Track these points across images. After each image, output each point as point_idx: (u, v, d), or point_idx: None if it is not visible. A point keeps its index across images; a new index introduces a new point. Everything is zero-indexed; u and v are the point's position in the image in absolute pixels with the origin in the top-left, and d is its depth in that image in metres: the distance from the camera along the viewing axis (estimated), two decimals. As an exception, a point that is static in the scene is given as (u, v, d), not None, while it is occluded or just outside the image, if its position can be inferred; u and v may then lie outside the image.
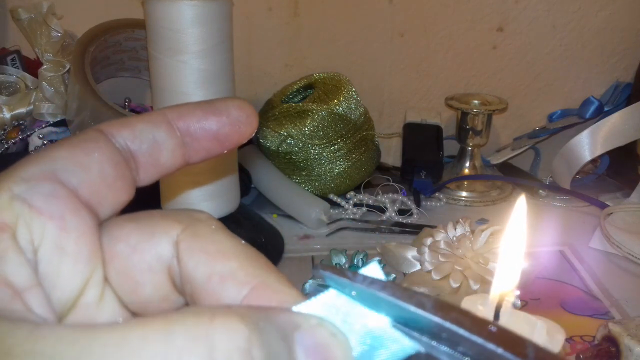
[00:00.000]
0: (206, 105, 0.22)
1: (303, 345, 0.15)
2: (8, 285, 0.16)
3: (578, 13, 0.87)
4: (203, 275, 0.18)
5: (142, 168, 0.21)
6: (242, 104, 0.22)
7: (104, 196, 0.19)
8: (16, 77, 0.81)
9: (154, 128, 0.21)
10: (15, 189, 0.17)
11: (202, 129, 0.21)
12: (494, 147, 0.93)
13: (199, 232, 0.19)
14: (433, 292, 0.58)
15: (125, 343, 0.13)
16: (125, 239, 0.19)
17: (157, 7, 0.56)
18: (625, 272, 0.63)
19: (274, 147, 0.78)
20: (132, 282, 0.19)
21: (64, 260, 0.17)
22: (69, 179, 0.18)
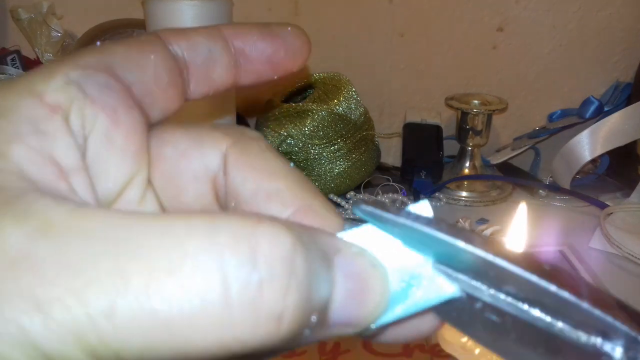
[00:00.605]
0: (263, 27, 0.21)
1: (342, 270, 0.15)
2: (55, 165, 0.15)
3: (578, 13, 0.87)
4: (249, 191, 0.18)
5: (194, 80, 0.20)
6: (298, 31, 0.22)
7: (155, 99, 0.19)
8: (16, 77, 0.81)
9: (211, 42, 0.20)
10: (71, 74, 0.16)
11: (257, 51, 0.21)
12: (494, 147, 0.93)
13: (248, 148, 0.19)
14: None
15: (170, 231, 0.13)
16: (175, 143, 0.19)
17: (157, 7, 0.56)
18: (625, 272, 0.63)
19: (274, 147, 0.78)
20: (175, 188, 0.19)
21: (112, 153, 0.17)
22: (125, 74, 0.18)
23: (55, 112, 0.16)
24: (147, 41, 0.19)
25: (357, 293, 0.15)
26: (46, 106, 0.16)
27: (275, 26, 0.22)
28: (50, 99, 0.16)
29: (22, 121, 0.15)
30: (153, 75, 0.19)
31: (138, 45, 0.19)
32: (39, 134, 0.15)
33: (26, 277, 0.12)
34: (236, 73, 0.21)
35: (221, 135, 0.19)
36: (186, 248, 0.13)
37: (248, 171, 0.19)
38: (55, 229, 0.13)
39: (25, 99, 0.16)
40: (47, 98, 0.16)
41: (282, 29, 0.22)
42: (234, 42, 0.21)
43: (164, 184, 0.19)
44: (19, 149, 0.15)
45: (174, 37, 0.20)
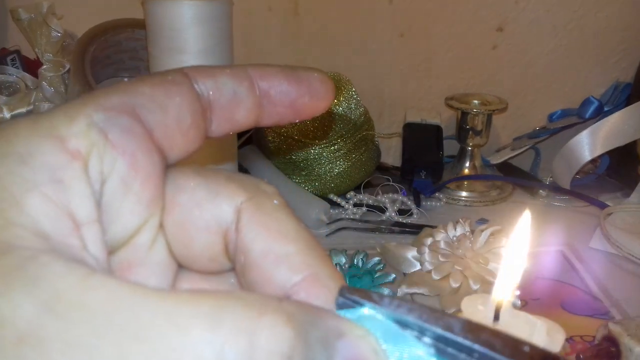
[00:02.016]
0: (290, 71, 0.21)
1: (343, 356, 0.15)
2: (70, 217, 0.15)
3: (578, 13, 0.87)
4: (259, 251, 0.18)
5: (217, 120, 0.20)
6: (324, 77, 0.22)
7: (175, 142, 0.19)
8: (16, 77, 0.81)
9: (237, 83, 0.20)
10: (94, 115, 0.16)
11: (281, 94, 0.21)
12: (494, 147, 0.93)
13: (263, 205, 0.19)
14: (433, 292, 0.58)
15: (175, 315, 0.13)
16: (191, 192, 0.19)
17: (157, 7, 0.56)
18: (625, 272, 0.63)
19: (274, 147, 0.78)
20: (186, 236, 0.19)
21: (127, 198, 0.17)
22: (147, 117, 0.18)
23: (75, 159, 0.16)
24: (174, 81, 0.19)
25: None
26: (67, 152, 0.16)
27: (302, 71, 0.22)
28: (72, 145, 0.16)
29: (41, 168, 0.15)
30: (176, 118, 0.18)
31: (164, 85, 0.19)
32: (56, 183, 0.15)
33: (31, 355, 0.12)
34: (259, 114, 0.21)
35: (237, 188, 0.19)
36: (189, 336, 0.13)
37: (260, 230, 0.19)
38: (64, 303, 0.13)
39: (47, 144, 0.16)
40: (68, 143, 0.16)
41: (309, 74, 0.22)
42: (260, 83, 0.21)
43: (175, 231, 0.19)
44: (35, 200, 0.15)
45: (201, 76, 0.20)
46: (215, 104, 0.20)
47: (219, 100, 0.20)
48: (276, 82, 0.21)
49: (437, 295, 0.58)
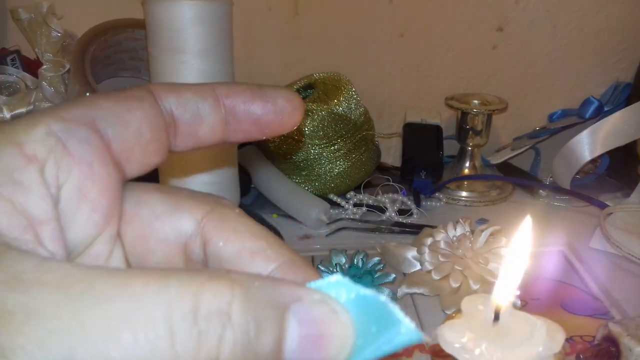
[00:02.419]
0: (256, 89, 0.22)
1: (297, 317, 0.16)
2: (25, 215, 0.16)
3: (578, 13, 0.87)
4: (233, 251, 0.20)
5: (180, 136, 0.21)
6: (291, 95, 0.22)
7: (135, 155, 0.19)
8: (16, 77, 0.81)
9: (201, 100, 0.21)
10: (53, 125, 0.17)
11: (247, 112, 0.22)
12: (494, 147, 0.93)
13: (226, 214, 0.20)
14: (433, 292, 0.58)
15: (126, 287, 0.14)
16: (152, 206, 0.20)
17: (157, 7, 0.56)
18: (625, 272, 0.63)
19: (274, 148, 0.78)
20: (145, 248, 0.20)
21: (83, 206, 0.18)
22: (107, 130, 0.18)
23: (31, 163, 0.17)
24: (137, 96, 0.20)
25: (315, 339, 0.16)
26: (24, 156, 0.17)
27: (268, 89, 0.22)
28: (29, 150, 0.17)
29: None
30: (136, 132, 0.19)
31: (127, 100, 0.19)
32: (13, 184, 0.16)
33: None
34: (224, 131, 0.22)
35: (198, 203, 0.21)
36: (140, 300, 0.14)
37: (230, 234, 0.20)
38: (23, 282, 0.14)
39: (5, 149, 0.17)
40: (26, 148, 0.17)
41: (275, 93, 0.22)
42: (225, 100, 0.21)
43: (135, 243, 0.20)
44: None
45: (165, 93, 0.20)
46: (179, 120, 0.21)
47: (183, 117, 0.21)
48: (241, 100, 0.21)
49: (437, 295, 0.58)
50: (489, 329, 0.28)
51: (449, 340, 0.27)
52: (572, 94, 0.91)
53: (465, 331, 0.28)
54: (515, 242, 0.29)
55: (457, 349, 0.27)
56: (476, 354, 0.27)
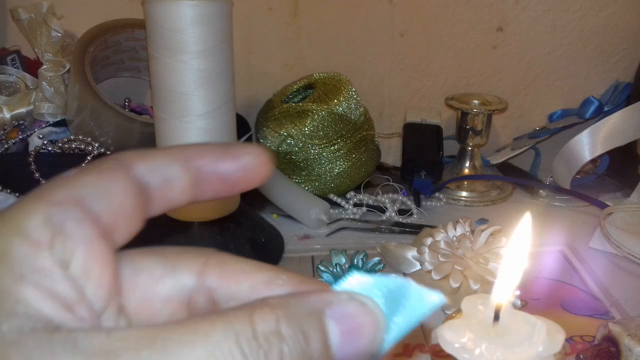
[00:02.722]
0: (222, 148, 0.23)
1: (334, 318, 0.18)
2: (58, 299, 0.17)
3: (578, 13, 0.87)
4: (247, 288, 0.21)
5: (152, 201, 0.21)
6: (257, 152, 0.23)
7: (120, 226, 0.20)
8: (16, 77, 0.81)
9: (170, 165, 0.22)
10: (47, 210, 0.18)
11: (214, 172, 0.22)
12: (494, 147, 0.93)
13: (224, 260, 0.22)
14: (433, 292, 0.58)
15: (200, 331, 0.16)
16: (149, 270, 0.21)
17: (157, 7, 0.56)
18: (625, 272, 0.63)
19: (274, 147, 0.78)
20: (149, 311, 0.21)
21: (89, 284, 0.18)
22: (93, 205, 0.19)
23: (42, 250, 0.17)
24: (111, 168, 0.20)
25: (353, 330, 0.18)
26: (33, 245, 0.17)
27: (234, 147, 0.23)
28: (36, 237, 0.17)
29: (20, 262, 0.17)
30: (119, 203, 0.20)
31: (104, 174, 0.20)
32: (37, 272, 0.17)
33: None
34: (195, 191, 0.22)
35: (193, 257, 0.21)
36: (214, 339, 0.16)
37: (238, 274, 0.21)
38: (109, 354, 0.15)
39: (13, 239, 0.17)
40: (32, 237, 0.17)
41: (242, 151, 0.23)
42: (194, 162, 0.22)
43: (139, 308, 0.21)
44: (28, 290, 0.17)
45: (135, 161, 0.21)
46: (150, 186, 0.21)
47: (153, 182, 0.21)
48: (208, 161, 0.22)
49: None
50: (488, 329, 0.28)
51: (449, 340, 0.27)
52: (572, 94, 0.91)
53: (465, 331, 0.28)
54: (514, 239, 0.29)
55: (457, 349, 0.27)
56: (476, 354, 0.27)
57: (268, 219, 0.73)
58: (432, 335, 0.52)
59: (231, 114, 0.61)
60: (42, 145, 0.73)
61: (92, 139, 0.74)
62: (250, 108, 0.88)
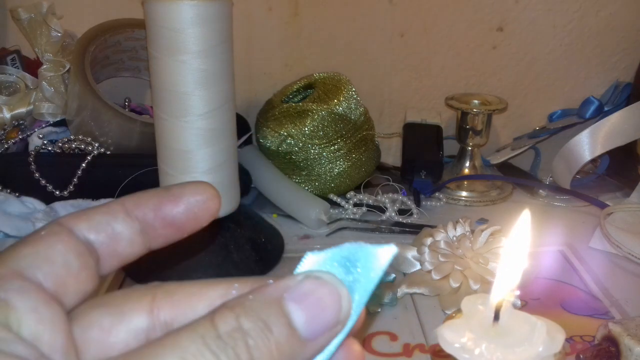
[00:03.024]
0: (162, 192, 0.22)
1: (293, 299, 0.18)
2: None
3: (578, 13, 0.87)
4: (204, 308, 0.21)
5: (102, 258, 0.21)
6: (200, 189, 0.22)
7: (69, 286, 0.20)
8: (16, 77, 0.81)
9: (112, 219, 0.21)
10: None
11: (158, 218, 0.22)
12: (494, 147, 0.93)
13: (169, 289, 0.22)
14: (433, 292, 0.58)
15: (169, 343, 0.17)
16: (98, 323, 0.21)
17: (156, 7, 0.56)
18: (625, 272, 0.63)
19: (274, 147, 0.78)
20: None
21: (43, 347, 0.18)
22: (35, 274, 0.19)
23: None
24: (52, 232, 0.20)
25: (315, 306, 0.18)
26: None
27: (174, 188, 0.22)
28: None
29: None
30: (63, 265, 0.20)
31: (45, 239, 0.20)
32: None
33: None
34: (144, 241, 0.22)
35: (138, 297, 0.21)
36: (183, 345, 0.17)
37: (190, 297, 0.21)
38: None
39: None
40: None
41: (181, 191, 0.22)
42: (135, 212, 0.22)
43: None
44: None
45: (75, 222, 0.21)
46: (97, 244, 0.21)
47: (99, 240, 0.21)
48: (150, 207, 0.22)
49: (437, 295, 0.58)
50: (488, 329, 0.28)
51: (449, 340, 0.27)
52: (572, 93, 0.91)
53: (465, 331, 0.28)
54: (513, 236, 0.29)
55: (457, 349, 0.27)
56: (476, 353, 0.27)
57: (268, 219, 0.73)
58: (432, 335, 0.52)
59: (231, 113, 0.61)
60: (42, 145, 0.73)
61: (92, 139, 0.74)
62: (250, 108, 0.88)
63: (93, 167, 0.71)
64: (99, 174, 0.71)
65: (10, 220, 0.65)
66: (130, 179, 0.70)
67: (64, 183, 0.70)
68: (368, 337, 0.53)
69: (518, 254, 0.29)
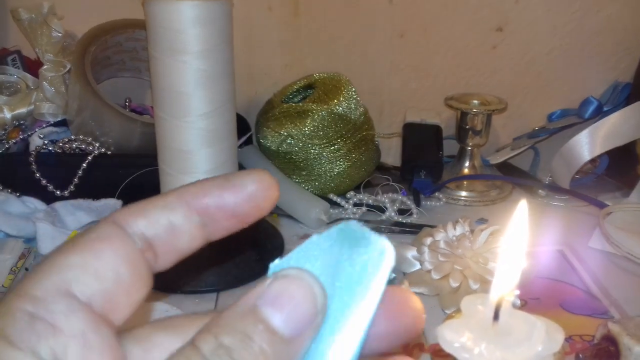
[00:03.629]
0: (223, 181, 0.21)
1: (266, 304, 0.18)
2: None
3: (578, 13, 0.87)
4: None
5: (161, 255, 0.20)
6: (259, 176, 0.22)
7: (119, 302, 0.19)
8: (17, 77, 0.81)
9: (171, 213, 0.20)
10: (31, 308, 0.17)
11: (219, 208, 0.21)
12: (494, 147, 0.93)
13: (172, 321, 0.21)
14: (433, 291, 0.58)
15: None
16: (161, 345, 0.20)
17: (157, 7, 0.56)
18: (624, 272, 0.63)
19: (274, 147, 0.78)
20: None
21: None
22: (84, 290, 0.18)
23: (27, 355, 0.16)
24: (104, 237, 0.19)
25: (290, 303, 0.18)
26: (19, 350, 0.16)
27: (235, 177, 0.21)
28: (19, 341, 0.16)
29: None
30: (114, 279, 0.19)
31: (94, 247, 0.19)
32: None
33: None
34: (204, 233, 0.21)
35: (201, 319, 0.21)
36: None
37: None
38: None
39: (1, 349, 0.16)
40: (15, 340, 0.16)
41: (242, 179, 0.21)
42: (195, 204, 0.21)
43: None
44: None
45: (132, 218, 0.20)
46: (154, 240, 0.20)
47: (157, 236, 0.20)
48: (211, 198, 0.21)
49: (437, 294, 0.58)
50: (488, 329, 0.28)
51: (449, 340, 0.28)
52: (572, 93, 0.91)
53: (464, 331, 0.28)
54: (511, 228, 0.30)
55: (456, 349, 0.27)
56: (475, 353, 0.27)
57: (268, 218, 0.73)
58: (432, 334, 0.52)
59: (231, 114, 0.61)
60: (42, 145, 0.73)
61: (92, 139, 0.74)
62: (250, 108, 0.88)
63: (94, 167, 0.71)
64: (100, 174, 0.72)
65: (10, 220, 0.65)
66: (130, 179, 0.70)
67: (65, 183, 0.70)
68: (368, 336, 0.53)
69: (516, 246, 0.29)
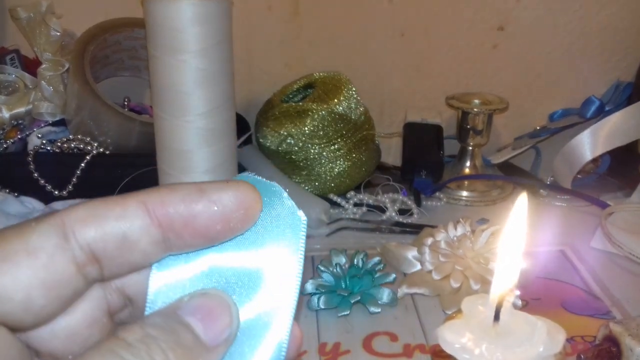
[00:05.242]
0: (195, 191, 0.19)
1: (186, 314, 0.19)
2: None
3: (579, 12, 0.87)
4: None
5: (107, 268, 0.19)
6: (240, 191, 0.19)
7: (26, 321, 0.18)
8: (15, 76, 0.81)
9: (126, 224, 0.18)
10: None
11: (185, 224, 0.19)
12: (495, 146, 0.93)
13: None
14: (433, 292, 0.58)
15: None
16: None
17: (156, 6, 0.56)
18: (626, 272, 0.63)
19: (274, 147, 0.77)
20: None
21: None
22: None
23: None
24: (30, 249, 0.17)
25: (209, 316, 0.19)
26: None
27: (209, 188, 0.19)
28: None
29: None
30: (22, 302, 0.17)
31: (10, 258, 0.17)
32: None
33: None
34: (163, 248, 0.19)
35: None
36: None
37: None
38: None
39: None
40: None
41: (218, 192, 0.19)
42: (158, 213, 0.18)
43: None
44: None
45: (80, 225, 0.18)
46: (101, 254, 0.18)
47: (106, 250, 0.18)
48: (178, 211, 0.18)
49: (438, 295, 0.57)
50: (489, 329, 0.28)
51: (449, 341, 0.27)
52: (573, 93, 0.91)
53: (465, 331, 0.27)
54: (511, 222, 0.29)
55: (457, 349, 0.27)
56: (476, 354, 0.26)
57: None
58: (433, 335, 0.52)
59: (231, 113, 0.61)
60: (41, 144, 0.73)
61: (91, 138, 0.74)
62: (250, 108, 0.88)
63: (92, 167, 0.71)
64: (98, 173, 0.71)
65: (9, 220, 0.65)
66: (129, 179, 0.70)
67: (63, 183, 0.70)
68: (368, 337, 0.52)
69: (515, 242, 0.29)
